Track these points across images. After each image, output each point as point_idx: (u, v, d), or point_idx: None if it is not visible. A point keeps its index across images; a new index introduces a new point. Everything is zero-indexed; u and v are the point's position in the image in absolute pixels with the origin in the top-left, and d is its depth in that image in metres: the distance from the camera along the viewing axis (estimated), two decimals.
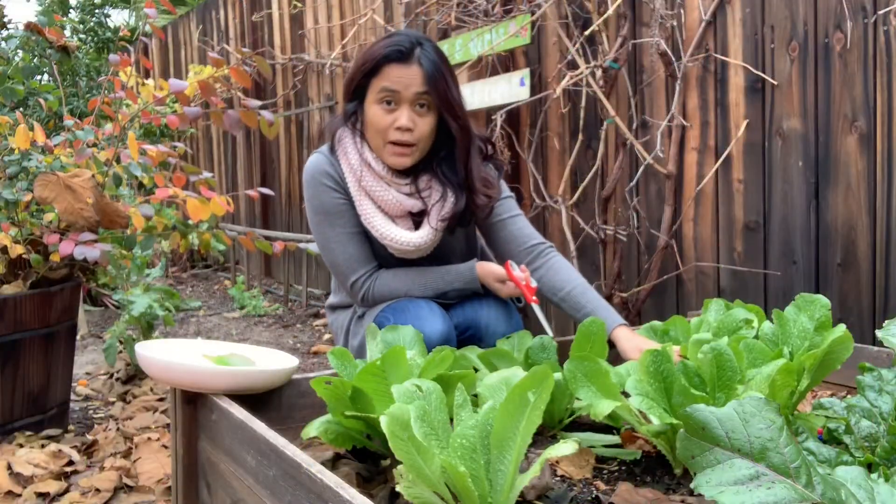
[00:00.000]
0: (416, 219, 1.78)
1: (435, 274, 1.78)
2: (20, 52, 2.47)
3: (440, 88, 1.67)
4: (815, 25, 2.14)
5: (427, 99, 1.67)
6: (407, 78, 1.65)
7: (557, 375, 1.37)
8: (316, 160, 1.78)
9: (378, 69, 1.66)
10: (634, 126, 2.66)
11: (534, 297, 1.70)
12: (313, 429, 1.29)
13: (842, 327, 1.33)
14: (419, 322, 1.61)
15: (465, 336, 1.77)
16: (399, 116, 1.66)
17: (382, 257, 1.81)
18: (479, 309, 1.78)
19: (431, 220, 1.75)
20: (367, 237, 1.78)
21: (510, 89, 2.97)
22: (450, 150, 1.75)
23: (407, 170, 1.75)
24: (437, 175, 1.76)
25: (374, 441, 1.34)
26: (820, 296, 1.40)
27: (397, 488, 1.04)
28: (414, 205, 1.75)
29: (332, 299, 1.98)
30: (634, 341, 1.61)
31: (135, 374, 2.92)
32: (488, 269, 1.75)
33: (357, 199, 1.74)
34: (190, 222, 2.33)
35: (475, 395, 1.23)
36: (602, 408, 1.24)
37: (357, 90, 1.72)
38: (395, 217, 1.76)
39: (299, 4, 4.74)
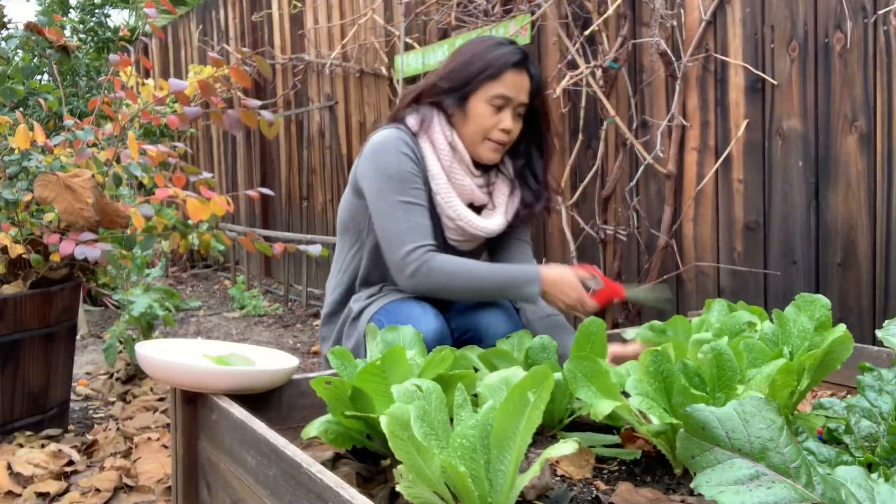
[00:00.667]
0: (474, 211, 1.87)
1: (496, 266, 1.79)
2: (20, 52, 2.47)
3: (545, 101, 1.86)
4: (815, 25, 2.14)
5: (524, 108, 1.81)
6: (520, 86, 1.78)
7: (557, 375, 1.37)
8: (396, 133, 1.79)
9: (499, 75, 1.76)
10: (634, 126, 2.66)
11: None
12: (313, 429, 1.29)
13: (842, 327, 1.33)
14: (412, 322, 1.60)
15: (465, 338, 1.77)
16: (504, 119, 1.78)
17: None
18: (479, 311, 1.78)
19: (507, 210, 1.87)
20: (430, 216, 1.78)
21: None
22: (528, 155, 1.89)
23: (481, 165, 1.86)
24: (516, 175, 1.89)
25: (374, 441, 1.34)
26: (820, 296, 1.40)
27: (397, 488, 1.04)
28: (480, 197, 1.85)
29: (328, 307, 1.92)
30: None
31: (135, 374, 2.92)
32: (559, 272, 1.75)
33: (437, 179, 1.79)
34: (190, 222, 2.33)
35: (475, 395, 1.23)
36: (602, 408, 1.23)
37: (469, 89, 1.78)
38: (464, 203, 1.84)
39: (299, 4, 4.74)
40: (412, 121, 1.82)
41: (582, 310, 1.74)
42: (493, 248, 1.97)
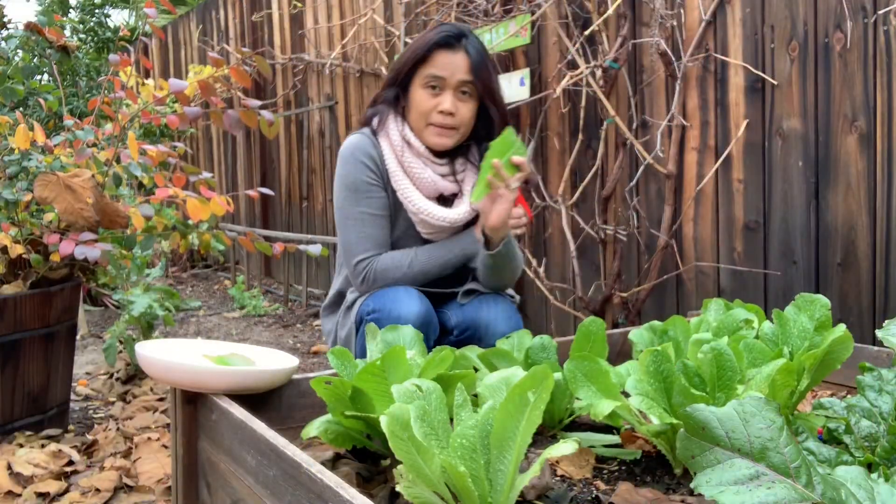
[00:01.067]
0: (445, 202, 1.85)
1: (434, 245, 1.81)
2: (20, 52, 2.47)
3: (483, 77, 1.77)
4: (815, 25, 2.14)
5: (470, 87, 1.77)
6: (453, 65, 1.75)
7: (557, 375, 1.37)
8: (358, 139, 1.83)
9: (427, 56, 1.75)
10: (634, 126, 2.66)
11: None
12: (313, 429, 1.29)
13: (842, 327, 1.33)
14: (396, 305, 1.64)
15: (466, 336, 1.77)
16: (442, 101, 1.75)
17: (405, 241, 1.83)
18: (479, 309, 1.78)
19: (467, 199, 1.83)
20: (388, 224, 1.81)
21: (510, 89, 2.98)
22: (489, 136, 1.83)
23: (444, 152, 1.83)
24: (475, 158, 1.86)
25: (374, 441, 1.34)
26: (820, 296, 1.40)
27: (397, 488, 1.04)
28: (447, 187, 1.83)
29: (327, 299, 1.98)
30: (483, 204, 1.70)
31: (135, 374, 2.92)
32: (487, 219, 1.74)
33: (395, 176, 1.80)
34: (190, 222, 2.33)
35: (475, 395, 1.23)
36: (602, 408, 1.23)
37: (405, 77, 1.79)
38: (427, 197, 1.82)
39: (299, 4, 4.74)
40: (375, 121, 1.85)
41: (518, 227, 1.75)
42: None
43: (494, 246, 1.75)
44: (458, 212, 1.82)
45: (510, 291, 1.96)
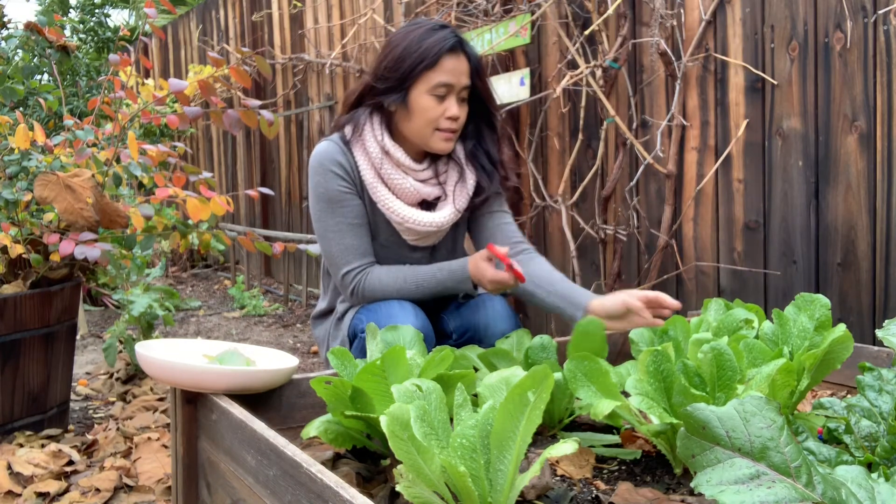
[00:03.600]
0: (427, 207, 1.82)
1: (427, 272, 1.76)
2: (20, 52, 2.47)
3: (484, 81, 1.78)
4: (815, 25, 2.14)
5: (468, 91, 1.76)
6: (459, 70, 1.73)
7: (557, 375, 1.37)
8: (326, 147, 1.79)
9: (436, 63, 1.71)
10: (634, 126, 2.66)
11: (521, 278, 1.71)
12: (313, 429, 1.29)
13: (841, 327, 1.33)
14: (391, 321, 1.61)
15: (465, 339, 1.77)
16: (450, 107, 1.73)
17: (389, 248, 1.81)
18: (477, 311, 1.78)
19: (456, 200, 1.81)
20: (368, 230, 1.79)
21: (510, 89, 2.97)
22: (478, 135, 1.83)
23: (423, 156, 1.82)
24: (467, 158, 1.84)
25: (374, 441, 1.34)
26: (820, 296, 1.40)
27: (397, 488, 1.04)
28: (430, 192, 1.80)
29: (318, 306, 1.96)
30: (610, 298, 1.64)
31: (135, 374, 2.92)
32: (476, 262, 1.71)
33: (373, 186, 1.76)
34: (190, 222, 2.33)
35: (475, 395, 1.23)
36: (602, 407, 1.23)
37: (405, 81, 1.73)
38: (409, 204, 1.80)
39: (299, 4, 4.74)
40: (348, 129, 1.80)
41: (503, 288, 1.70)
42: (471, 227, 1.93)
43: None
44: (443, 215, 1.79)
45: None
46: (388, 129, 1.78)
